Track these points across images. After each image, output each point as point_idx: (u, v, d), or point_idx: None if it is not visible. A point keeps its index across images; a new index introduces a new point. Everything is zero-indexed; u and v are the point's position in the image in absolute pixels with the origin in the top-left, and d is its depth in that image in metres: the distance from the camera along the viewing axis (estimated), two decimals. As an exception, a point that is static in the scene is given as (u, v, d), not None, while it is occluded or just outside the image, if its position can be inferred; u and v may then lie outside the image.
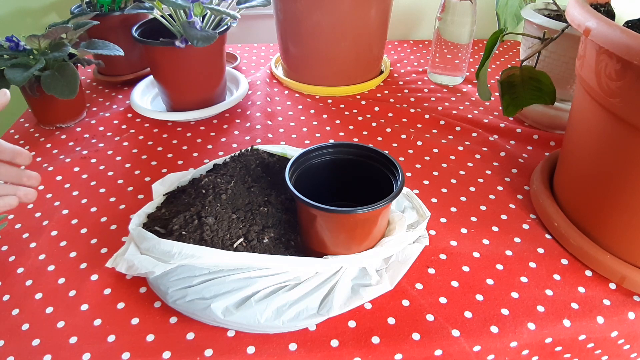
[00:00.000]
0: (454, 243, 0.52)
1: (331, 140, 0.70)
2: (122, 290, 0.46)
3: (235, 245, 0.44)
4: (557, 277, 0.48)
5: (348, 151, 0.49)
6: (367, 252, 0.44)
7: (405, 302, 0.45)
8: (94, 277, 0.48)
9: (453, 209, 0.57)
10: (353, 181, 0.50)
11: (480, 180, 0.61)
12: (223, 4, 0.70)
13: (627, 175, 0.43)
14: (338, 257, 0.44)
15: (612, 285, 0.47)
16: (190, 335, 0.42)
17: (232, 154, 0.57)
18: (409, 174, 0.63)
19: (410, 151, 0.67)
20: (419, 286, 0.47)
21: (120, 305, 0.45)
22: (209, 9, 0.65)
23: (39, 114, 0.74)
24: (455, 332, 0.42)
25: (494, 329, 0.42)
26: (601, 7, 0.55)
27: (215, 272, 0.43)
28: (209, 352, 0.40)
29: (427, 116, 0.75)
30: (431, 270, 0.48)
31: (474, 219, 0.55)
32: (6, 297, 0.46)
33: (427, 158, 0.66)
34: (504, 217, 0.55)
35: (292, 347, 0.41)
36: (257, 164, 0.55)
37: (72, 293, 0.46)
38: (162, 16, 0.69)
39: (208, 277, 0.42)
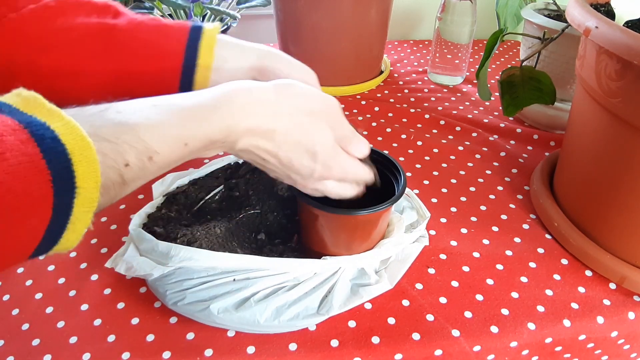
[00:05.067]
0: (454, 243, 0.52)
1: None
2: (122, 290, 0.46)
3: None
4: (557, 277, 0.48)
5: None
6: (365, 254, 0.44)
7: (405, 302, 0.45)
8: (94, 277, 0.48)
9: (453, 209, 0.57)
10: None
11: (480, 180, 0.61)
12: (223, 4, 0.70)
13: (627, 175, 0.43)
14: (336, 258, 0.44)
15: (612, 285, 0.47)
16: (190, 335, 0.42)
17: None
18: (409, 174, 0.63)
19: (410, 151, 0.67)
20: (419, 286, 0.47)
21: (120, 305, 0.45)
22: (209, 9, 0.65)
23: (39, 114, 0.74)
24: (455, 332, 0.42)
25: (494, 329, 0.42)
26: (601, 7, 0.55)
27: (214, 275, 0.43)
28: (209, 352, 0.40)
29: (427, 116, 0.75)
30: (431, 270, 0.48)
31: (474, 219, 0.55)
32: (6, 297, 0.46)
33: (427, 158, 0.66)
34: (504, 217, 0.55)
35: (292, 347, 0.41)
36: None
37: (72, 293, 0.46)
38: (162, 16, 0.69)
39: (206, 279, 0.42)
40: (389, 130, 0.72)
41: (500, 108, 0.64)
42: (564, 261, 0.50)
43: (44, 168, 0.21)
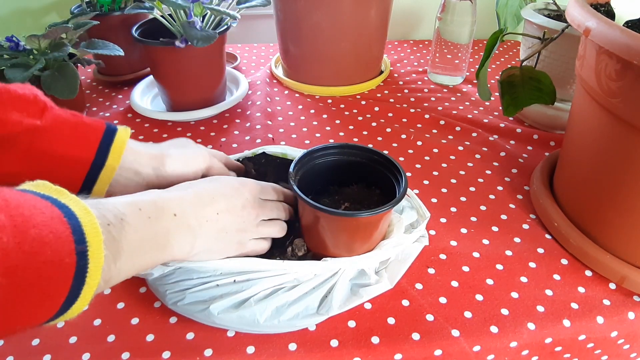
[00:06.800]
0: (454, 243, 0.52)
1: (331, 141, 0.70)
2: (122, 290, 0.46)
3: None
4: (557, 277, 0.48)
5: (352, 152, 0.49)
6: (366, 255, 0.44)
7: (405, 302, 0.45)
8: (94, 277, 0.48)
9: (453, 209, 0.57)
10: (356, 182, 0.50)
11: (480, 180, 0.61)
12: (223, 4, 0.70)
13: (627, 175, 0.43)
14: (336, 259, 0.44)
15: (612, 285, 0.47)
16: (190, 335, 0.42)
17: (245, 157, 0.57)
18: (409, 174, 0.63)
19: (410, 151, 0.67)
20: (419, 286, 0.47)
21: (120, 305, 0.45)
22: (209, 9, 0.65)
23: (38, 114, 0.74)
24: (455, 332, 0.42)
25: (494, 329, 0.42)
26: (601, 7, 0.55)
27: (214, 275, 0.43)
28: (208, 352, 0.40)
29: (427, 116, 0.75)
30: (431, 270, 0.48)
31: (474, 219, 0.55)
32: (6, 297, 0.46)
33: (427, 158, 0.66)
34: (504, 217, 0.55)
35: (292, 347, 0.41)
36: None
37: (72, 293, 0.46)
38: (162, 16, 0.69)
39: (206, 279, 0.42)
40: (389, 130, 0.72)
41: (500, 108, 0.64)
42: (564, 261, 0.50)
43: (70, 235, 0.27)
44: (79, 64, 0.72)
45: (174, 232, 0.36)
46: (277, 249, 0.46)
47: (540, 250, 0.51)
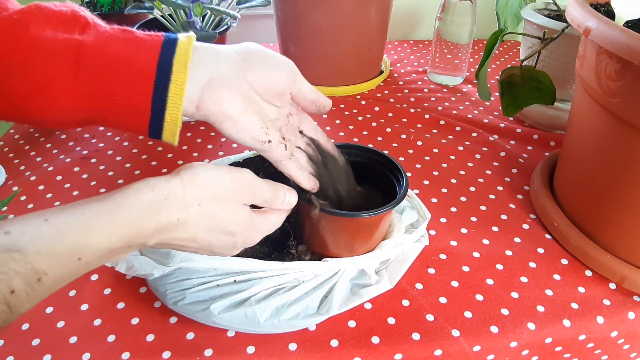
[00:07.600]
0: (454, 243, 0.52)
1: (331, 141, 0.70)
2: (122, 290, 0.46)
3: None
4: (557, 277, 0.48)
5: (353, 152, 0.49)
6: (366, 255, 0.44)
7: (405, 302, 0.45)
8: (94, 277, 0.48)
9: (453, 209, 0.57)
10: (357, 182, 0.50)
11: (480, 180, 0.61)
12: (223, 4, 0.70)
13: (627, 175, 0.43)
14: (336, 260, 0.44)
15: (612, 285, 0.47)
16: (190, 335, 0.42)
17: (246, 157, 0.57)
18: (409, 174, 0.63)
19: (410, 151, 0.67)
20: (419, 286, 0.47)
21: (120, 305, 0.45)
22: (209, 9, 0.65)
23: (38, 114, 0.74)
24: (455, 332, 0.42)
25: (494, 329, 0.42)
26: (601, 7, 0.55)
27: (214, 275, 0.43)
28: (208, 352, 0.40)
29: (427, 116, 0.75)
30: (431, 270, 0.48)
31: (474, 219, 0.55)
32: (6, 297, 0.46)
33: (427, 158, 0.66)
34: (504, 217, 0.55)
35: (292, 347, 0.41)
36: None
37: (72, 293, 0.46)
38: (162, 16, 0.69)
39: (206, 279, 0.42)
40: (389, 130, 0.72)
41: (500, 108, 0.64)
42: (564, 261, 0.50)
43: None
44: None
45: (148, 205, 0.29)
46: (276, 252, 0.46)
47: (540, 250, 0.51)
